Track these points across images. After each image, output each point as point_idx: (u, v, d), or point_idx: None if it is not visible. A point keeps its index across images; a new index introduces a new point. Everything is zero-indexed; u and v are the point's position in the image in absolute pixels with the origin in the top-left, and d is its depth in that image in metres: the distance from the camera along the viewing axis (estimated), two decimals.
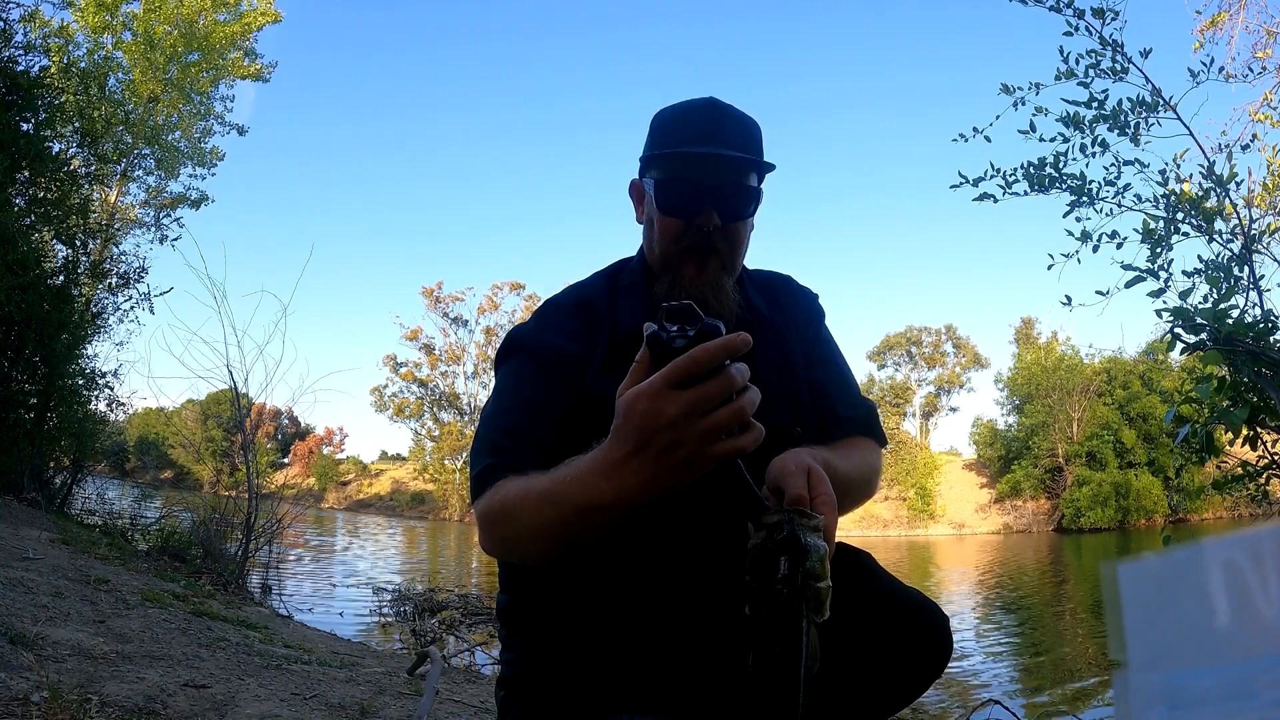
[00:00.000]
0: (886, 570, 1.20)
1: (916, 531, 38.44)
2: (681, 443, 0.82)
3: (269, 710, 2.54)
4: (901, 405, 46.24)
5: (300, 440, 54.62)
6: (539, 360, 1.17)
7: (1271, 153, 3.75)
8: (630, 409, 0.84)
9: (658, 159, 1.20)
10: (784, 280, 1.38)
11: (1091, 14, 3.40)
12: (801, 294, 1.37)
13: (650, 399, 0.82)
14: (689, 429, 0.81)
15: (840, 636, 1.11)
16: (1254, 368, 2.76)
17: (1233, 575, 0.38)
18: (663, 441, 0.82)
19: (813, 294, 1.38)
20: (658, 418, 0.81)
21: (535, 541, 1.01)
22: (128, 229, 15.32)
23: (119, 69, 15.37)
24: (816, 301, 1.38)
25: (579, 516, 0.93)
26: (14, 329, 8.38)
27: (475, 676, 4.16)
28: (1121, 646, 0.40)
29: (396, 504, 50.32)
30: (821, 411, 1.26)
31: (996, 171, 3.58)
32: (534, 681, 1.18)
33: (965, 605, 13.62)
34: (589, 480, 0.90)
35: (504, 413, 1.15)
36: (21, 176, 8.43)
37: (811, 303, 1.37)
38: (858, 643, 1.10)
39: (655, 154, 1.20)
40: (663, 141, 1.20)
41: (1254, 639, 0.37)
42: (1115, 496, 34.54)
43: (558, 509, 0.94)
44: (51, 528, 6.64)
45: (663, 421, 0.81)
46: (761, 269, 1.38)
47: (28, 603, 3.43)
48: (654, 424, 0.82)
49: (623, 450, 0.86)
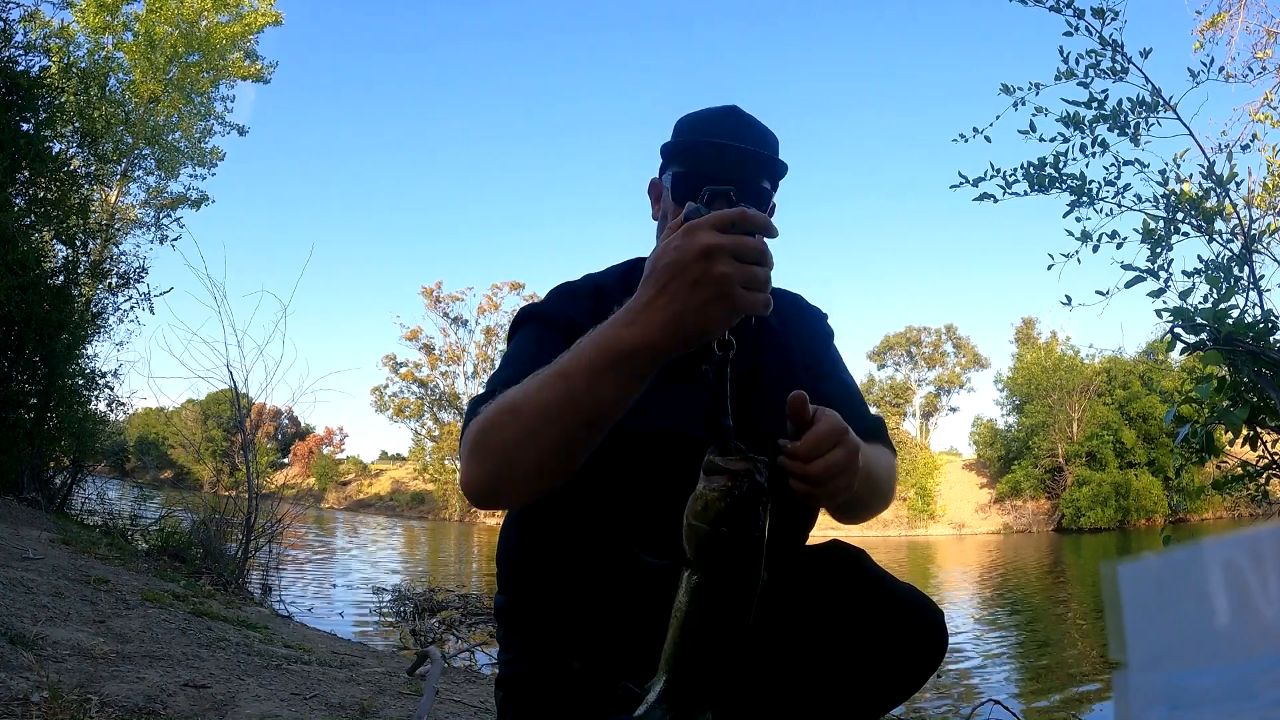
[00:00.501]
0: (882, 568, 1.20)
1: (916, 531, 38.44)
2: (712, 278, 0.81)
3: (269, 710, 2.54)
4: (901, 405, 46.27)
5: (300, 440, 54.63)
6: (552, 326, 1.18)
7: (1271, 153, 3.74)
8: (664, 250, 0.84)
9: (676, 155, 1.24)
10: (794, 297, 1.40)
11: (1091, 14, 3.40)
12: (810, 311, 1.39)
13: (688, 234, 0.83)
14: (723, 263, 0.81)
15: (837, 632, 1.11)
16: (1254, 368, 2.76)
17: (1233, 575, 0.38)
18: (695, 272, 0.82)
19: (822, 313, 1.41)
20: (693, 248, 0.82)
21: (533, 439, 0.92)
22: (128, 229, 15.33)
23: (119, 69, 15.38)
24: (825, 320, 1.40)
25: (590, 383, 0.87)
26: (14, 329, 8.38)
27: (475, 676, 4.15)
28: (1121, 646, 0.40)
29: (396, 504, 50.33)
30: None
31: (996, 171, 3.58)
32: (533, 681, 1.18)
33: (965, 605, 13.62)
34: (608, 332, 0.87)
35: (510, 365, 1.13)
36: (21, 176, 8.42)
37: (820, 320, 1.39)
38: (854, 638, 1.10)
39: (673, 145, 1.24)
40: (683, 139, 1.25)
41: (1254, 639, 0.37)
42: (1115, 496, 34.55)
43: (568, 381, 0.89)
44: (51, 528, 6.64)
45: (698, 248, 0.81)
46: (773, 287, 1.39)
47: (28, 603, 3.43)
48: (688, 254, 0.82)
49: (650, 292, 0.84)
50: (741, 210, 0.85)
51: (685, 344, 0.84)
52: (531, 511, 1.23)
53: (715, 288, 0.81)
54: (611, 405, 0.89)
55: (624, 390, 0.88)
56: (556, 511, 1.18)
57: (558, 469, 0.96)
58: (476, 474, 1.00)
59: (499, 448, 0.97)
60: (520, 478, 0.97)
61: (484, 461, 0.99)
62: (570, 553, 1.15)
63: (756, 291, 0.83)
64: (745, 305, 0.83)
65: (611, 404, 0.89)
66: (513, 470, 0.97)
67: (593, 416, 0.90)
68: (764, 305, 0.84)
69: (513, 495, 1.04)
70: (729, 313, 0.83)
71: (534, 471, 0.96)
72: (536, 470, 0.96)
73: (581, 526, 1.13)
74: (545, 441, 0.92)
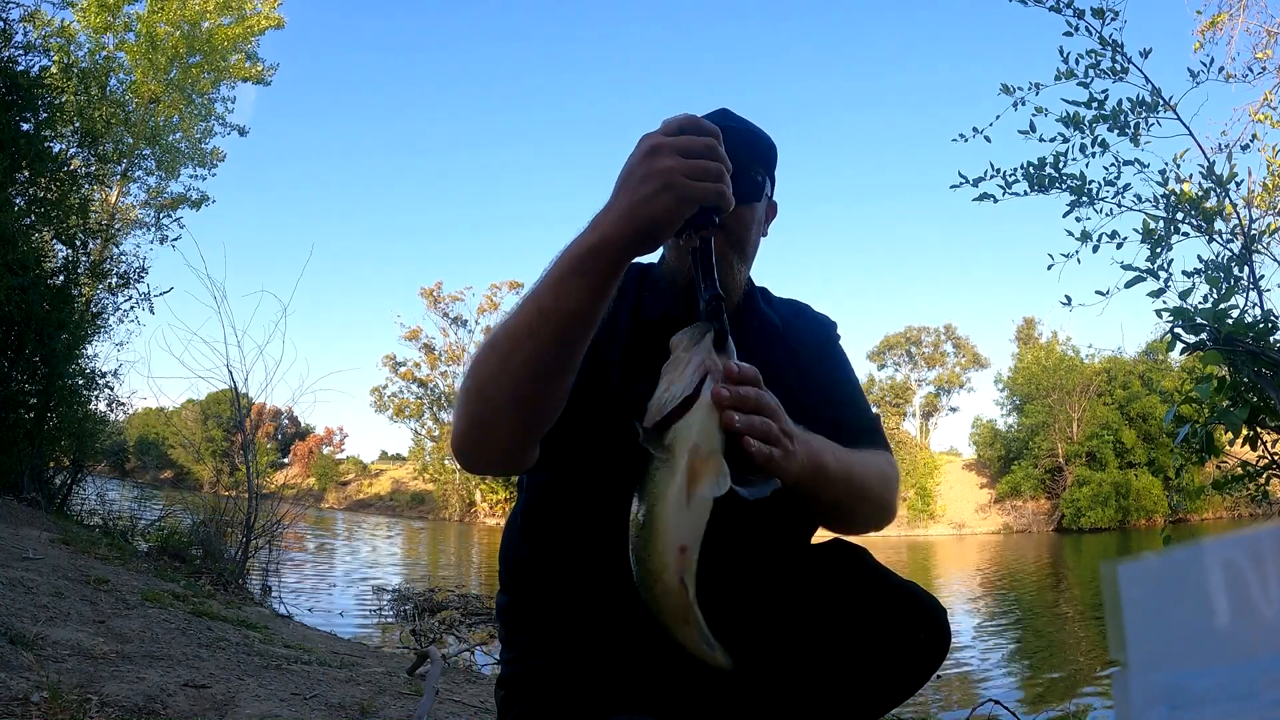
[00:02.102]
0: (884, 565, 1.20)
1: (916, 531, 38.43)
2: (657, 171, 0.86)
3: (269, 710, 2.54)
4: (901, 405, 46.26)
5: (300, 440, 54.62)
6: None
7: (1271, 153, 3.75)
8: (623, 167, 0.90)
9: None
10: (802, 305, 1.43)
11: (1091, 14, 3.40)
12: (817, 318, 1.41)
13: (639, 144, 0.89)
14: (667, 158, 0.86)
15: (839, 630, 1.11)
16: (1254, 368, 2.76)
17: (1233, 575, 0.38)
18: (642, 170, 0.87)
19: (830, 320, 1.42)
20: (640, 151, 0.88)
21: (507, 364, 0.94)
22: (128, 229, 15.32)
23: (120, 69, 15.37)
24: (833, 327, 1.42)
25: (557, 292, 0.90)
26: (14, 329, 8.37)
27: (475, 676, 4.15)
28: (1121, 646, 0.40)
29: (396, 504, 50.32)
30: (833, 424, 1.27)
31: (996, 171, 3.59)
32: (534, 681, 1.18)
33: (965, 605, 13.62)
34: (570, 244, 0.91)
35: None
36: (21, 176, 8.42)
37: (827, 327, 1.41)
38: (856, 636, 1.10)
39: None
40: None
41: (1254, 639, 0.37)
42: (1115, 496, 34.55)
43: (536, 299, 0.92)
44: (51, 528, 6.64)
45: (644, 149, 0.88)
46: (782, 297, 1.43)
47: (28, 603, 3.43)
48: (636, 157, 0.88)
49: (608, 201, 0.90)
50: (689, 115, 0.90)
51: (641, 237, 0.88)
52: (534, 511, 1.23)
53: (661, 180, 0.86)
54: (578, 315, 0.91)
55: (589, 294, 0.90)
56: (559, 511, 1.18)
57: (534, 400, 0.96)
58: (461, 424, 1.01)
59: (476, 387, 0.98)
60: (498, 416, 0.98)
61: (466, 404, 1.00)
62: (573, 552, 1.15)
63: (706, 182, 0.87)
64: (695, 194, 0.87)
65: (578, 314, 0.90)
66: (490, 409, 0.98)
67: (561, 330, 0.91)
68: (715, 195, 0.88)
69: (494, 444, 1.02)
70: (679, 202, 0.86)
71: (510, 402, 0.96)
72: (512, 400, 0.96)
73: (584, 527, 1.13)
74: (519, 365, 0.93)
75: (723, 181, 0.88)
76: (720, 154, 0.89)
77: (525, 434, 1.00)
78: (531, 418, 0.98)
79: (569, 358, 0.94)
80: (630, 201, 0.87)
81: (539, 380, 0.94)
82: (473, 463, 1.05)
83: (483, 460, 1.05)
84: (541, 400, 0.96)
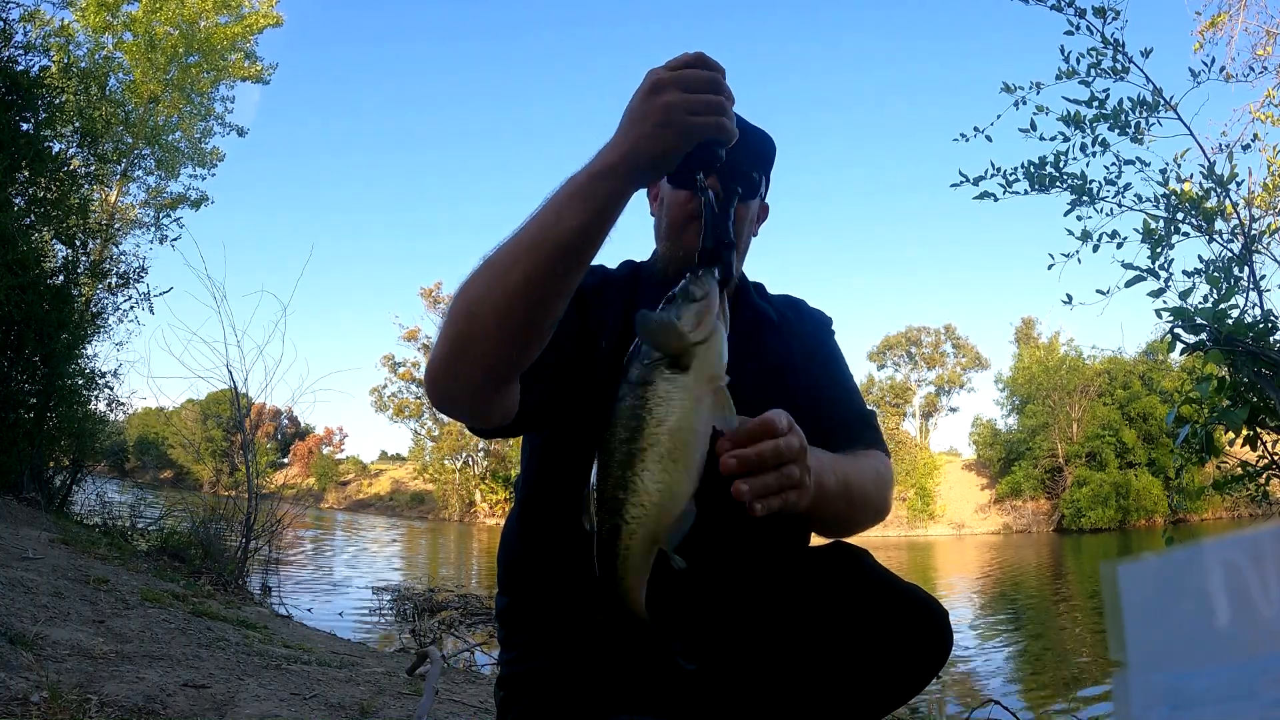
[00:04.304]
0: (885, 567, 1.20)
1: (916, 532, 38.41)
2: (658, 107, 0.86)
3: (269, 710, 2.54)
4: (901, 405, 46.22)
5: (300, 440, 54.59)
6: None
7: (1272, 153, 3.75)
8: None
9: None
10: (798, 301, 1.43)
11: (1092, 13, 3.40)
12: (812, 313, 1.42)
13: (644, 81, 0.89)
14: (668, 94, 0.86)
15: (841, 632, 1.11)
16: (1254, 368, 2.76)
17: (1233, 575, 0.38)
18: (645, 106, 0.87)
19: (825, 315, 1.43)
20: (643, 87, 0.88)
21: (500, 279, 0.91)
22: (128, 229, 15.35)
23: (120, 69, 15.37)
24: (828, 322, 1.42)
25: (558, 211, 0.89)
26: (14, 329, 8.37)
27: (475, 676, 4.15)
28: (1121, 646, 0.40)
29: (396, 504, 50.30)
30: (828, 418, 1.26)
31: (997, 170, 3.59)
32: (534, 682, 1.18)
33: (965, 605, 13.62)
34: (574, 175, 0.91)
35: None
36: (21, 176, 8.41)
37: (822, 322, 1.41)
38: (858, 638, 1.10)
39: None
40: None
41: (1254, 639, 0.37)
42: (1115, 497, 34.53)
43: (538, 219, 0.91)
44: (51, 528, 6.64)
45: (646, 86, 0.88)
46: (777, 293, 1.43)
47: (28, 603, 3.43)
48: (639, 94, 0.88)
49: (613, 138, 0.90)
50: (698, 53, 0.90)
51: (644, 168, 0.88)
52: (533, 512, 1.23)
53: (662, 115, 0.86)
54: (579, 232, 0.89)
55: (592, 215, 0.89)
56: (558, 513, 1.18)
57: (521, 322, 0.93)
58: (440, 348, 0.98)
59: (463, 305, 0.95)
60: (483, 335, 0.93)
61: (450, 324, 0.96)
62: (569, 553, 1.15)
63: (708, 116, 0.87)
64: (697, 128, 0.87)
65: (579, 231, 0.89)
66: (476, 325, 0.93)
67: (558, 249, 0.89)
68: (716, 128, 0.88)
69: (471, 374, 0.97)
70: (681, 136, 0.87)
71: (496, 321, 0.92)
72: (499, 317, 0.92)
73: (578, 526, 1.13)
74: (514, 281, 0.90)
75: (724, 115, 0.88)
76: (724, 88, 0.88)
77: (503, 364, 0.97)
78: (514, 341, 0.94)
79: (563, 279, 0.92)
80: (635, 136, 0.87)
81: (530, 299, 0.91)
82: (445, 394, 1.01)
83: (456, 390, 1.01)
84: (527, 323, 0.93)
